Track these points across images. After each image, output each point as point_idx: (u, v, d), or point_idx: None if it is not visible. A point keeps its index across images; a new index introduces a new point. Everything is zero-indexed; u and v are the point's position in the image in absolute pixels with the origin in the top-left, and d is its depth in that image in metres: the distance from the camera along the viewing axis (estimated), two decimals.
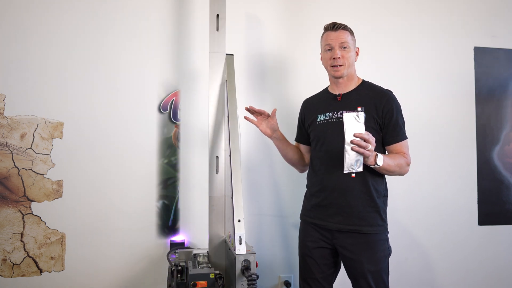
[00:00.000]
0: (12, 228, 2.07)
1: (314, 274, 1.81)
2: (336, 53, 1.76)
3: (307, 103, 1.98)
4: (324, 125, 1.79)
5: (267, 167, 2.33)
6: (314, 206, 1.82)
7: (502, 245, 2.57)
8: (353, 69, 1.82)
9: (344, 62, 1.76)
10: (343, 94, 1.81)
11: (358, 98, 1.78)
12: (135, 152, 2.19)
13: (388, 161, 1.66)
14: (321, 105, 1.86)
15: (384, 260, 1.73)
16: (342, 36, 1.76)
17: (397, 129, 1.74)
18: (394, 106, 1.74)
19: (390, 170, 1.69)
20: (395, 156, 1.72)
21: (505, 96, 2.61)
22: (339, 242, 1.75)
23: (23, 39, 2.10)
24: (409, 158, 1.75)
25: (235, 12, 2.27)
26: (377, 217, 1.73)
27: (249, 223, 2.27)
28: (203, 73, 2.21)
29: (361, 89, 1.81)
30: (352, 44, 1.79)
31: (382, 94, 1.77)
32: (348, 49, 1.77)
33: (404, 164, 1.72)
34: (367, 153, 1.52)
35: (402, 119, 1.77)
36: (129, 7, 2.21)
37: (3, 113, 2.08)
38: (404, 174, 1.77)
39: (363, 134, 1.50)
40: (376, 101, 1.74)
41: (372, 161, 1.60)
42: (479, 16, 2.61)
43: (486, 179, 2.56)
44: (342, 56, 1.76)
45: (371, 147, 1.52)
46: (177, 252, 2.01)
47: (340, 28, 1.77)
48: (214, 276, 1.63)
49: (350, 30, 1.81)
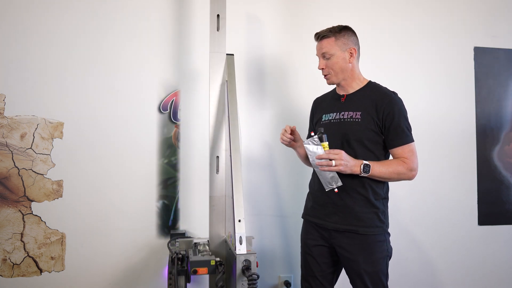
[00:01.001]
0: (12, 228, 2.06)
1: (314, 272, 1.82)
2: (320, 63, 1.79)
3: (316, 102, 1.99)
4: (327, 125, 1.78)
5: (268, 167, 2.33)
6: (313, 205, 1.84)
7: (502, 245, 2.58)
8: (348, 72, 1.77)
9: (329, 71, 1.77)
10: (347, 95, 1.81)
11: (360, 99, 1.76)
12: (135, 152, 2.19)
13: (380, 168, 1.65)
14: (327, 105, 1.87)
15: (382, 262, 1.71)
16: (323, 45, 1.77)
17: (398, 132, 1.69)
18: (395, 109, 1.69)
19: (383, 177, 1.67)
20: (390, 163, 1.69)
21: (505, 96, 2.61)
22: (336, 241, 1.75)
23: (23, 39, 2.10)
24: (412, 163, 1.68)
25: (236, 12, 2.27)
26: (374, 218, 1.71)
27: (249, 223, 2.27)
28: (203, 73, 2.21)
29: (366, 90, 1.79)
30: (336, 49, 1.74)
31: (384, 96, 1.73)
32: (331, 57, 1.75)
33: (403, 171, 1.67)
34: (333, 168, 1.60)
35: (406, 122, 1.72)
36: (129, 7, 2.21)
37: (3, 113, 2.07)
38: (409, 179, 1.72)
39: (322, 154, 1.61)
40: (377, 103, 1.71)
41: (357, 170, 1.63)
42: (479, 16, 2.61)
43: (486, 179, 2.56)
44: (325, 65, 1.77)
45: (336, 162, 1.59)
46: (178, 241, 2.00)
47: (320, 37, 1.78)
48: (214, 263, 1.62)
49: (335, 34, 1.75)
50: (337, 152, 1.60)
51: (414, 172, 1.70)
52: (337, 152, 1.61)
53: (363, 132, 1.70)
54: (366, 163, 1.63)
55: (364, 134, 1.70)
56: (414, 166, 1.69)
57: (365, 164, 1.63)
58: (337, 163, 1.59)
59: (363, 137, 1.71)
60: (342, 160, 1.59)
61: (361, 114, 1.72)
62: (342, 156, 1.60)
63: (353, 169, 1.62)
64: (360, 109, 1.73)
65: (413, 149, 1.71)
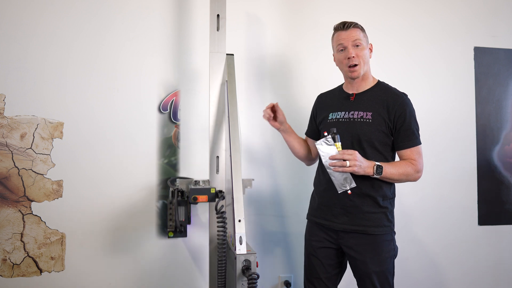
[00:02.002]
0: (12, 228, 2.06)
1: (319, 274, 1.80)
2: (350, 52, 1.70)
3: (321, 99, 1.95)
4: (335, 124, 1.75)
5: (268, 167, 2.33)
6: (319, 205, 1.81)
7: (502, 245, 2.58)
8: (368, 67, 1.77)
9: (360, 61, 1.71)
10: (356, 94, 1.78)
11: (371, 99, 1.74)
12: (135, 152, 2.19)
13: (391, 170, 1.64)
14: (334, 103, 1.83)
15: (389, 261, 1.72)
16: (354, 34, 1.71)
17: (408, 134, 1.69)
18: (407, 111, 1.69)
19: (393, 178, 1.67)
20: (400, 164, 1.69)
21: (505, 96, 2.61)
22: (344, 242, 1.74)
23: (23, 39, 2.10)
24: (419, 165, 1.69)
25: (236, 12, 2.27)
26: (383, 218, 1.71)
27: (249, 223, 2.27)
28: (203, 73, 2.21)
29: (376, 90, 1.77)
30: (365, 41, 1.74)
31: (396, 97, 1.72)
32: (362, 46, 1.72)
33: (411, 172, 1.68)
34: (347, 169, 1.57)
35: (416, 124, 1.72)
36: (129, 7, 2.21)
37: (3, 113, 2.07)
38: (414, 181, 1.73)
39: (336, 155, 1.57)
40: (389, 103, 1.70)
41: (370, 171, 1.61)
42: (479, 16, 2.61)
43: (486, 179, 2.56)
44: (356, 55, 1.71)
45: (350, 163, 1.56)
46: (178, 180, 1.96)
47: (351, 26, 1.72)
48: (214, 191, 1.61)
49: (361, 27, 1.76)
50: (351, 153, 1.58)
51: (420, 173, 1.71)
52: (351, 152, 1.58)
53: (373, 133, 1.69)
54: (379, 165, 1.62)
55: (374, 135, 1.69)
56: (421, 168, 1.70)
57: (378, 165, 1.62)
58: (351, 163, 1.56)
59: (374, 138, 1.69)
60: (356, 161, 1.57)
61: (372, 115, 1.70)
62: (356, 157, 1.57)
63: (367, 170, 1.60)
64: (370, 109, 1.71)
65: (421, 151, 1.72)
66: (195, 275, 2.21)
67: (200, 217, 2.20)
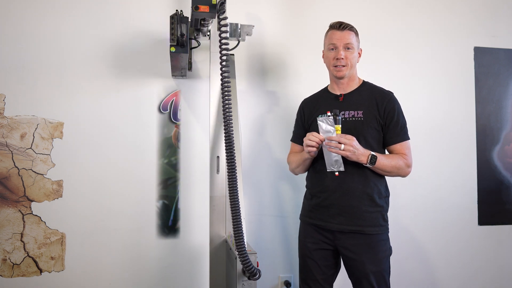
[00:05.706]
0: (12, 228, 2.06)
1: (315, 275, 1.80)
2: (340, 53, 1.76)
3: (306, 103, 1.96)
4: None
5: (268, 167, 2.33)
6: (315, 206, 1.82)
7: (502, 245, 2.58)
8: (355, 70, 1.82)
9: (347, 63, 1.76)
10: (344, 94, 1.81)
11: (360, 98, 1.79)
12: (135, 152, 2.19)
13: (384, 161, 1.68)
14: (322, 105, 1.85)
15: (385, 260, 1.73)
16: (347, 36, 1.76)
17: (397, 129, 1.74)
18: (396, 107, 1.76)
19: (385, 170, 1.70)
20: (392, 157, 1.73)
21: (505, 96, 2.61)
22: (340, 243, 1.74)
23: (23, 39, 2.10)
24: (409, 160, 1.74)
25: (236, 12, 2.27)
26: (379, 217, 1.73)
27: (249, 223, 2.27)
28: (203, 73, 2.21)
29: (363, 89, 1.82)
30: (356, 45, 1.79)
31: (383, 95, 1.78)
32: (352, 50, 1.77)
33: (403, 166, 1.72)
34: (341, 152, 1.61)
35: (404, 120, 1.78)
36: (129, 7, 2.21)
37: (3, 113, 2.07)
38: (404, 176, 1.77)
39: (334, 137, 1.62)
40: (378, 101, 1.76)
41: (363, 160, 1.64)
42: (479, 16, 2.61)
43: (486, 179, 2.56)
44: (345, 57, 1.76)
45: (345, 147, 1.60)
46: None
47: (346, 28, 1.77)
48: (216, 1, 1.58)
49: (356, 31, 1.81)
50: (349, 138, 1.62)
51: (410, 168, 1.76)
52: (349, 138, 1.62)
53: (366, 130, 1.73)
54: (374, 154, 1.66)
55: (367, 132, 1.73)
56: (411, 163, 1.76)
57: (372, 155, 1.66)
58: (346, 148, 1.60)
59: (367, 135, 1.73)
60: (352, 147, 1.61)
61: (363, 113, 1.75)
62: (353, 143, 1.61)
63: (360, 158, 1.64)
64: (361, 107, 1.76)
65: (410, 146, 1.78)
66: (195, 275, 2.21)
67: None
